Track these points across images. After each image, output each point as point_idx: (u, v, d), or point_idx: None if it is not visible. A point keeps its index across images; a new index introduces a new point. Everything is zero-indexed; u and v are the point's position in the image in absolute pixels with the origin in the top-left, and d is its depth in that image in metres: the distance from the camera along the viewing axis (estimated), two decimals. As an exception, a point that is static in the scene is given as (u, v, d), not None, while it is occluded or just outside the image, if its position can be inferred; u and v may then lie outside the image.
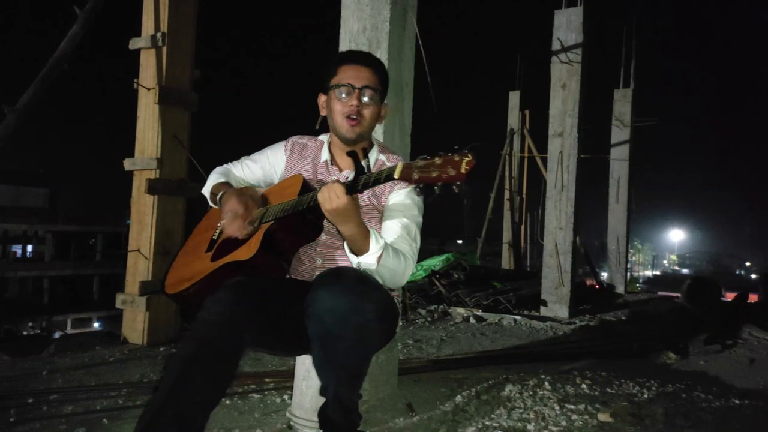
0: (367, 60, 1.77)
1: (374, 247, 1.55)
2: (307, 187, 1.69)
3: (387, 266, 1.58)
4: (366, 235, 1.55)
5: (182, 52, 3.87)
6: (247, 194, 1.73)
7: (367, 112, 1.72)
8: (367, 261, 1.56)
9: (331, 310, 1.44)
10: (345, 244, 1.59)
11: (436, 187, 1.35)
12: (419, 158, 1.38)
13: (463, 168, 1.30)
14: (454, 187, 1.33)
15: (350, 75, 1.72)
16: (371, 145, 1.84)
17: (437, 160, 1.34)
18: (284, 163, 1.90)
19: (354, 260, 1.59)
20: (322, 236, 1.76)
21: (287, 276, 1.85)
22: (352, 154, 1.53)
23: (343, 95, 1.72)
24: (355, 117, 1.70)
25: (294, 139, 1.93)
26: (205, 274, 1.68)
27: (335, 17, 2.57)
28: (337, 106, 1.73)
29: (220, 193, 1.79)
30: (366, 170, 1.49)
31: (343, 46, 2.49)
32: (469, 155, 1.31)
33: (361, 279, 1.52)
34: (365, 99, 1.72)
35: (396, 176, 1.39)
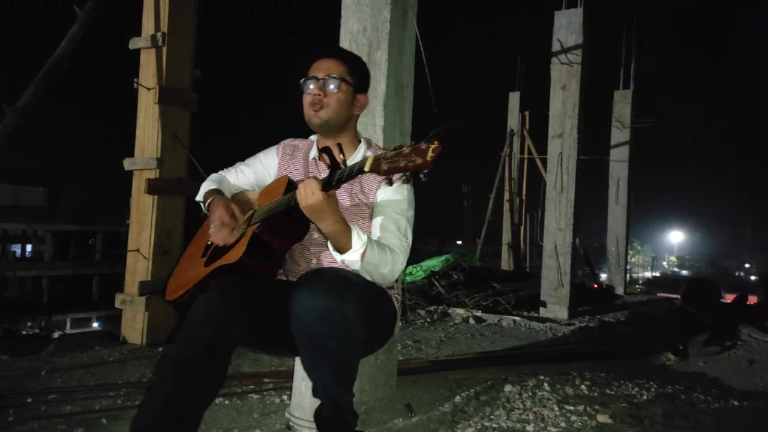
0: (332, 52, 1.82)
1: (357, 244, 1.55)
2: (292, 187, 1.69)
3: (372, 262, 1.57)
4: (347, 232, 1.54)
5: (182, 52, 3.88)
6: (234, 201, 1.76)
7: (330, 99, 1.74)
8: (351, 258, 1.56)
9: (311, 311, 1.45)
10: (328, 243, 1.59)
11: (404, 177, 1.34)
12: (390, 149, 1.37)
13: (429, 156, 1.28)
14: (421, 176, 1.31)
15: (314, 68, 1.78)
16: (358, 142, 1.85)
17: (405, 150, 1.33)
18: (277, 164, 1.93)
19: (338, 258, 1.58)
20: (315, 236, 1.77)
21: (284, 277, 1.86)
22: (326, 150, 1.52)
23: (309, 87, 1.76)
24: (317, 103, 1.73)
25: (285, 141, 1.97)
26: (198, 280, 1.70)
27: (336, 17, 2.56)
28: (304, 98, 1.78)
29: (208, 201, 1.82)
30: (342, 165, 1.48)
31: (344, 46, 2.49)
32: (435, 142, 1.29)
33: (339, 278, 1.52)
34: (329, 87, 1.74)
35: (366, 169, 1.39)
